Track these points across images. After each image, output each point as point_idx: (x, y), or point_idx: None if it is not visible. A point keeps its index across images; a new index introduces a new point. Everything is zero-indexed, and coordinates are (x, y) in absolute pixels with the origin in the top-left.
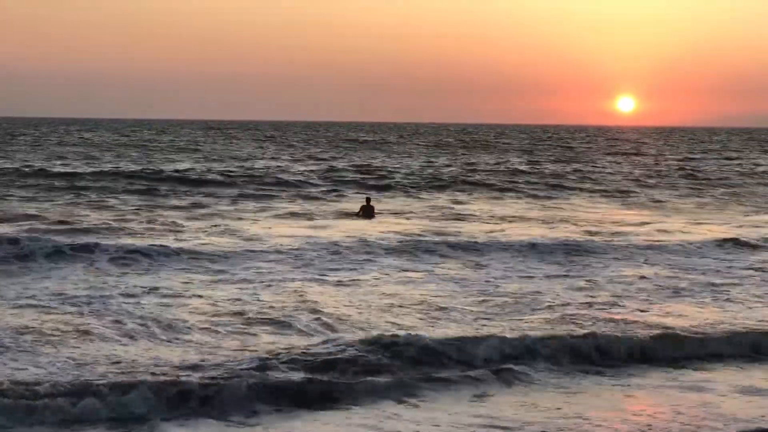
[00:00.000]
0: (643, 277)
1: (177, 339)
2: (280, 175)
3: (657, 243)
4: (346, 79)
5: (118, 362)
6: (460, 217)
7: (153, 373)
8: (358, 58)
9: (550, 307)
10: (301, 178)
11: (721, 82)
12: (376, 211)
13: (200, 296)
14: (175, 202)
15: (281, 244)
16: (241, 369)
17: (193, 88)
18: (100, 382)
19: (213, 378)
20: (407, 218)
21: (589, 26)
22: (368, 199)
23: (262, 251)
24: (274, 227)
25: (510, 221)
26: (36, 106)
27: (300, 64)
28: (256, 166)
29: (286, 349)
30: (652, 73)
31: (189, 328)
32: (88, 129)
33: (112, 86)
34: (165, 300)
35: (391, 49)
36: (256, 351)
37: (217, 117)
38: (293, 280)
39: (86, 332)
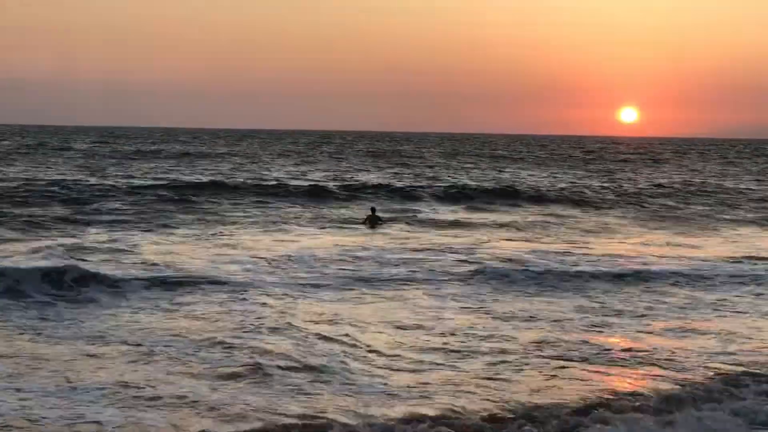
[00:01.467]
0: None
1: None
2: (289, 183)
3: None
4: (364, 86)
5: None
6: (465, 226)
7: None
8: (374, 64)
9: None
10: (312, 185)
11: (723, 93)
12: (381, 221)
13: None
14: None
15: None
16: None
17: (205, 98)
18: None
19: None
20: (414, 229)
21: (592, 37)
22: (373, 209)
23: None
24: (269, 237)
25: (529, 235)
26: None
27: (313, 71)
28: (266, 175)
29: None
30: (654, 84)
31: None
32: (117, 136)
33: (136, 94)
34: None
35: (393, 56)
36: None
37: (231, 126)
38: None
39: None
